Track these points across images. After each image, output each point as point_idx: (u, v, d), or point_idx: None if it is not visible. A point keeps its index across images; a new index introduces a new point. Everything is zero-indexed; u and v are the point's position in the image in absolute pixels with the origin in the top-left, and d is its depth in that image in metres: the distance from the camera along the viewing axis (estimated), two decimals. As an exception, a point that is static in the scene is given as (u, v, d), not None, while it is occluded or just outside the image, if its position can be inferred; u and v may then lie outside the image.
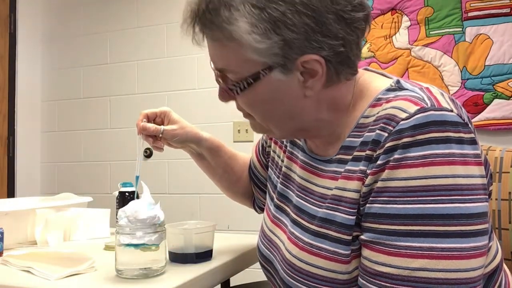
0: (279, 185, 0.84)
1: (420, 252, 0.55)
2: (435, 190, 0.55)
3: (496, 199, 0.98)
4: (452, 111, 0.58)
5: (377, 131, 0.61)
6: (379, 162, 0.59)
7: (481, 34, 2.07)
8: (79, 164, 2.86)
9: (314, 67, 0.63)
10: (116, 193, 1.37)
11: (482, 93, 2.05)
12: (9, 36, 2.82)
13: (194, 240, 0.99)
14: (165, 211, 0.91)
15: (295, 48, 0.61)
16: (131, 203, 0.89)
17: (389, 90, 0.66)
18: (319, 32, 0.61)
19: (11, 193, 2.76)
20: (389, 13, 2.23)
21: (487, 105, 2.05)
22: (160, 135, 0.98)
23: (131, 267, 0.87)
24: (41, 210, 1.28)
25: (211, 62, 0.71)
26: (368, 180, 0.61)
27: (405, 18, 2.20)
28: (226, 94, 0.70)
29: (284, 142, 0.87)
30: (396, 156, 0.58)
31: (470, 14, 2.08)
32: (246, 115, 0.73)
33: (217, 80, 0.71)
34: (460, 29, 2.10)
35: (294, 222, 0.74)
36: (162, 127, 0.98)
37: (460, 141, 0.57)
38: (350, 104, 0.70)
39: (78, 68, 2.89)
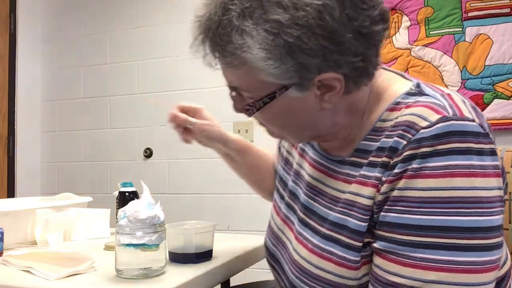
0: (290, 182, 0.83)
1: (435, 264, 0.54)
2: (453, 202, 0.54)
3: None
4: (473, 120, 0.57)
5: (395, 138, 0.60)
6: (396, 170, 0.58)
7: (481, 34, 2.07)
8: (79, 164, 2.86)
9: (331, 83, 0.62)
10: (116, 193, 1.37)
11: (482, 93, 2.05)
12: (9, 36, 2.82)
13: (194, 240, 0.99)
14: (165, 211, 0.91)
15: (312, 69, 0.60)
16: (131, 203, 0.89)
17: (408, 94, 0.64)
18: (337, 52, 0.59)
19: (11, 193, 2.75)
20: (389, 13, 2.23)
21: (487, 105, 2.05)
22: (190, 126, 0.98)
23: (131, 267, 0.87)
24: (41, 210, 1.28)
25: (225, 78, 0.68)
26: (383, 188, 0.60)
27: (405, 18, 2.20)
28: (239, 108, 0.70)
29: None
30: (414, 165, 0.56)
31: (470, 14, 2.08)
32: (261, 123, 0.73)
33: (230, 95, 0.70)
34: (460, 29, 2.10)
35: (302, 222, 0.73)
36: (192, 119, 0.99)
37: (480, 153, 0.56)
38: (366, 107, 0.68)
39: (78, 68, 2.89)
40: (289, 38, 0.57)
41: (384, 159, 0.61)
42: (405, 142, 0.58)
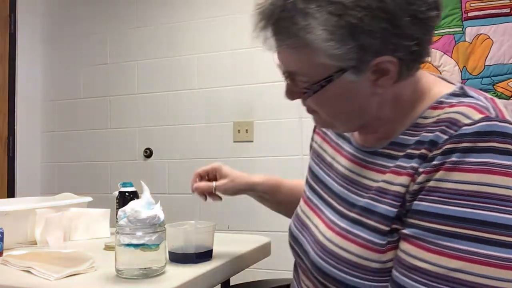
0: (321, 173, 0.86)
1: (461, 254, 0.56)
2: (487, 197, 0.56)
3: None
4: None
5: (437, 133, 0.62)
6: (435, 162, 0.60)
7: (481, 34, 2.07)
8: (79, 164, 2.86)
9: (387, 67, 0.64)
10: (116, 193, 1.37)
11: (482, 93, 2.05)
12: (9, 36, 2.82)
13: (194, 240, 1.00)
14: (165, 211, 0.91)
15: (370, 51, 0.62)
16: (131, 203, 0.89)
17: (452, 94, 0.67)
18: (395, 34, 0.61)
19: (11, 193, 2.75)
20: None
21: (487, 105, 2.05)
22: (213, 191, 1.03)
23: (131, 267, 0.87)
24: (41, 210, 1.28)
25: (280, 65, 0.71)
26: (420, 178, 0.61)
27: (405, 18, 2.20)
28: (294, 93, 0.72)
29: (328, 134, 0.89)
30: (453, 158, 0.58)
31: (470, 14, 2.08)
32: (311, 111, 0.74)
33: (286, 82, 0.72)
34: (460, 29, 2.10)
35: (333, 208, 0.76)
36: (214, 183, 1.03)
37: None
38: (409, 103, 0.70)
39: (78, 68, 2.89)
40: (351, 19, 0.59)
41: (423, 151, 0.63)
42: (446, 137, 0.60)
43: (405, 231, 0.62)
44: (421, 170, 0.62)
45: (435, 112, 0.66)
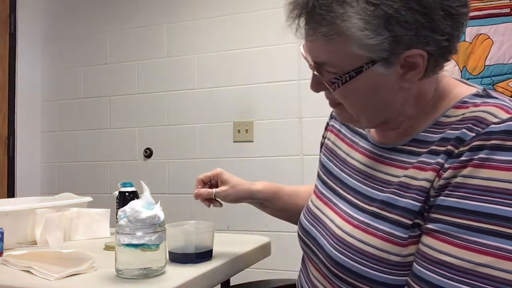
0: (333, 167, 0.86)
1: (488, 249, 0.56)
2: None
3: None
4: None
5: (463, 130, 0.63)
6: (462, 158, 0.61)
7: (481, 34, 2.07)
8: (79, 164, 2.86)
9: (416, 61, 0.65)
10: (116, 193, 1.37)
11: (482, 93, 2.05)
12: (9, 36, 2.82)
13: (194, 240, 1.00)
14: (165, 211, 0.91)
15: (403, 43, 0.63)
16: (131, 203, 0.89)
17: (476, 95, 0.68)
18: (428, 28, 0.63)
19: (11, 193, 2.75)
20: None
21: (487, 105, 2.05)
22: (214, 197, 1.05)
23: (131, 267, 0.87)
24: (41, 210, 1.28)
25: (307, 56, 0.71)
26: (446, 174, 0.62)
27: (405, 18, 2.20)
28: (320, 85, 0.72)
29: (342, 131, 0.89)
30: (481, 155, 0.59)
31: (470, 14, 2.07)
32: (335, 104, 0.75)
33: (313, 73, 0.72)
34: (460, 29, 2.10)
35: (349, 202, 0.76)
36: (214, 190, 1.04)
37: None
38: (430, 102, 0.72)
39: (78, 68, 2.89)
40: (388, 9, 0.61)
41: (449, 147, 0.64)
42: (473, 134, 0.61)
43: (430, 225, 0.63)
44: (447, 166, 0.63)
45: (458, 111, 0.67)
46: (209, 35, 2.58)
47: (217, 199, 1.05)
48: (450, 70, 2.11)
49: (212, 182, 1.07)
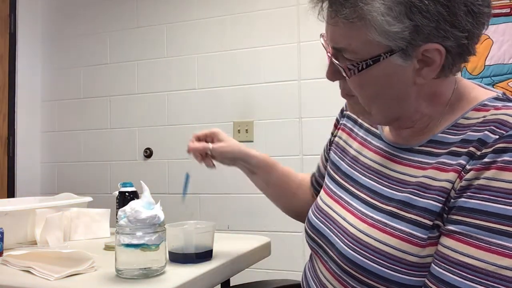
0: (344, 165, 0.86)
1: (511, 252, 0.56)
2: None
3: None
4: None
5: (486, 132, 0.63)
6: (486, 160, 0.61)
7: (481, 34, 2.06)
8: (79, 164, 2.86)
9: (433, 56, 0.65)
10: (116, 193, 1.37)
11: (482, 93, 2.05)
12: (9, 36, 2.82)
13: (194, 240, 1.00)
14: (165, 211, 0.91)
15: (422, 35, 0.63)
16: (131, 203, 0.89)
17: (496, 99, 0.68)
18: (449, 22, 0.63)
19: (11, 193, 2.75)
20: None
21: (487, 105, 2.05)
22: (209, 152, 1.02)
23: (131, 267, 0.87)
24: (41, 210, 1.28)
25: (328, 41, 0.71)
26: (468, 175, 0.62)
27: (405, 18, 2.20)
28: (336, 74, 0.72)
29: (355, 131, 0.89)
30: (506, 158, 0.59)
31: (470, 14, 2.08)
32: (346, 95, 0.75)
33: (330, 59, 0.72)
34: (460, 29, 2.10)
35: (362, 200, 0.76)
36: (211, 144, 1.02)
37: None
38: (448, 103, 0.72)
39: (78, 68, 2.89)
40: None
41: (471, 149, 0.63)
42: (496, 136, 0.61)
43: (450, 227, 0.62)
44: (469, 167, 0.62)
45: (478, 114, 0.67)
46: (209, 35, 2.58)
47: (210, 157, 1.03)
48: (450, 70, 2.11)
49: (207, 140, 1.04)
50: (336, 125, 0.97)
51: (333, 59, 0.71)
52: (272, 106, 2.42)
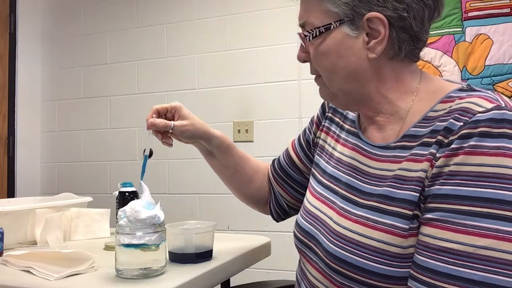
0: (330, 168, 0.87)
1: (487, 232, 0.58)
2: (506, 178, 0.59)
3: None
4: None
5: (451, 120, 0.66)
6: (453, 146, 0.63)
7: (481, 34, 2.07)
8: (79, 164, 2.86)
9: (377, 27, 0.71)
10: (116, 193, 1.37)
11: (482, 93, 2.05)
12: (9, 36, 2.82)
13: (194, 240, 0.99)
14: (165, 211, 0.91)
15: (364, 2, 0.70)
16: (131, 203, 0.89)
17: (461, 90, 0.71)
18: None
19: (11, 193, 2.76)
20: None
21: (487, 105, 2.04)
22: (170, 131, 0.99)
23: (131, 267, 0.87)
24: (41, 210, 1.28)
25: (299, 20, 0.79)
26: (439, 162, 0.64)
27: (405, 18, 2.20)
28: (302, 54, 0.79)
29: (337, 132, 0.90)
30: (471, 143, 0.62)
31: (470, 14, 2.08)
32: (315, 77, 0.80)
33: (300, 37, 0.79)
34: (460, 29, 2.10)
35: (345, 198, 0.77)
36: (172, 122, 0.99)
37: None
38: (415, 92, 0.75)
39: (78, 68, 2.89)
40: None
41: (439, 138, 0.66)
42: (461, 123, 0.64)
43: (428, 215, 0.64)
44: (439, 155, 0.65)
45: (445, 105, 0.70)
46: (209, 35, 2.58)
47: (170, 135, 0.99)
48: (450, 70, 2.11)
49: (168, 115, 1.01)
50: (318, 125, 0.98)
51: (302, 35, 0.77)
52: (272, 106, 2.42)
